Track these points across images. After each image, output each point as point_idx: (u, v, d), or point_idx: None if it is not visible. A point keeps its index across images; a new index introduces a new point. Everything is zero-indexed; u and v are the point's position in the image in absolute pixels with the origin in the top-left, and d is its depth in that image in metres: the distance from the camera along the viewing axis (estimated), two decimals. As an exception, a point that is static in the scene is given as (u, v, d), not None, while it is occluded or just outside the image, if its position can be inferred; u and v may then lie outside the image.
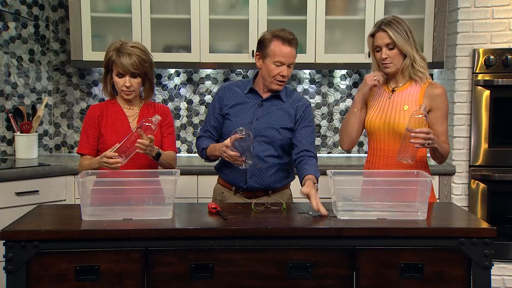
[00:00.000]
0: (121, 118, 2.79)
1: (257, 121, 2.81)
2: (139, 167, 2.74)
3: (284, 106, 2.84)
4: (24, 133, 4.08)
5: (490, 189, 3.87)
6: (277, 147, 2.82)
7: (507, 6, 3.80)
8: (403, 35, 2.69)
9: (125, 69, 2.70)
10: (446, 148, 2.73)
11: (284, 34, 2.75)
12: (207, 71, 4.37)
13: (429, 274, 2.22)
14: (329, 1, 4.04)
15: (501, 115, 3.85)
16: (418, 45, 2.76)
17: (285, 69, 2.74)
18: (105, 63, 2.77)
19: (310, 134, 2.83)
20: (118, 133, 2.75)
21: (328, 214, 2.40)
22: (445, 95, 2.76)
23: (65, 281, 2.17)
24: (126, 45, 2.73)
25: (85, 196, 2.32)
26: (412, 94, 2.73)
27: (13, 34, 4.19)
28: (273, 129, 2.80)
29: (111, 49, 2.74)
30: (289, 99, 2.87)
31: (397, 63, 2.73)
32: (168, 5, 4.09)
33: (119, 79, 2.73)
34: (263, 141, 2.80)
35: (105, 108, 2.81)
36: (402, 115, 2.70)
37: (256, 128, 2.78)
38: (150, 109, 2.86)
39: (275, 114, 2.82)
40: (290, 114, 2.83)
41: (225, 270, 2.22)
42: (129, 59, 2.69)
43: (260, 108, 2.83)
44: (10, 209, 3.44)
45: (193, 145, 4.45)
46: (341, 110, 4.43)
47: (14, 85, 4.21)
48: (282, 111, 2.83)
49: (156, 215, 2.35)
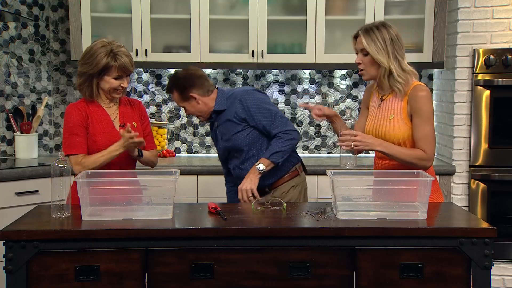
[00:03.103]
0: (105, 118, 2.76)
1: (221, 140, 3.07)
2: (119, 168, 2.73)
3: (227, 113, 3.01)
4: (24, 133, 4.09)
5: (490, 189, 3.87)
6: (246, 151, 3.00)
7: (507, 6, 3.80)
8: (378, 44, 2.56)
9: (127, 71, 2.70)
10: (413, 153, 2.55)
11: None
12: (207, 71, 4.37)
13: (429, 274, 2.22)
14: (329, 1, 4.04)
15: (501, 115, 3.85)
16: (400, 55, 2.60)
17: (186, 112, 3.08)
18: (97, 68, 2.66)
19: (266, 118, 2.96)
20: (105, 132, 2.73)
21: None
22: (428, 98, 2.57)
23: (65, 281, 2.17)
24: (116, 46, 2.69)
25: (85, 196, 2.32)
26: (398, 101, 2.62)
27: (13, 34, 4.19)
28: (229, 141, 3.02)
29: (101, 54, 2.65)
30: (229, 101, 3.02)
31: (370, 71, 2.64)
32: (168, 5, 4.09)
33: (116, 80, 2.70)
34: (233, 154, 3.05)
35: (86, 107, 2.74)
36: (389, 124, 2.62)
37: (223, 147, 3.08)
38: (127, 105, 2.85)
39: (225, 127, 3.03)
40: (235, 115, 2.98)
41: (225, 270, 2.22)
42: (128, 60, 2.69)
43: (218, 129, 3.09)
44: (10, 209, 3.44)
45: (193, 145, 4.46)
46: (341, 110, 4.43)
47: (14, 85, 4.21)
48: (228, 121, 3.01)
49: (156, 215, 2.35)
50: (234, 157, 3.05)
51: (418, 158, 2.55)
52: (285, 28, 4.12)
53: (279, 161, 2.91)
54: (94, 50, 2.67)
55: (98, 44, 2.69)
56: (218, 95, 3.03)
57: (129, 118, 2.81)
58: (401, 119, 2.60)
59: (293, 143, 2.95)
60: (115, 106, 2.81)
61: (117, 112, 2.80)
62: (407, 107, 2.59)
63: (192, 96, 2.97)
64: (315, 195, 3.80)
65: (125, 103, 2.86)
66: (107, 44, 2.68)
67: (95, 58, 2.66)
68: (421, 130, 2.55)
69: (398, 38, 2.61)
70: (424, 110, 2.56)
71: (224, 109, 3.01)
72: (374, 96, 2.77)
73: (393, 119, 2.62)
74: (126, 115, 2.81)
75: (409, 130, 2.59)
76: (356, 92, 4.42)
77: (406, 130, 2.59)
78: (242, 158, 3.01)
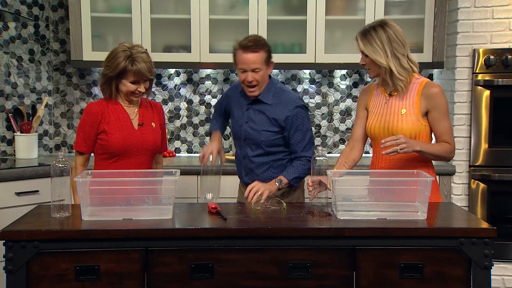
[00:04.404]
0: (123, 116, 2.81)
1: (246, 124, 2.98)
2: (136, 166, 2.79)
3: (269, 109, 2.93)
4: (24, 133, 4.09)
5: (490, 189, 3.87)
6: (264, 147, 2.95)
7: (507, 6, 3.80)
8: (374, 45, 2.62)
9: (144, 77, 2.73)
10: (443, 148, 2.65)
11: (243, 41, 2.89)
12: (207, 71, 4.37)
13: (429, 274, 2.22)
14: (329, 1, 4.04)
15: (501, 115, 3.85)
16: (401, 53, 2.63)
17: (249, 75, 2.85)
18: (115, 71, 2.71)
19: (301, 139, 2.94)
20: (122, 131, 2.77)
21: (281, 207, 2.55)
22: (442, 93, 2.67)
23: (65, 281, 2.17)
24: (136, 51, 2.72)
25: (85, 196, 2.32)
26: (409, 97, 2.68)
27: (13, 34, 4.19)
28: (255, 131, 2.95)
29: (120, 58, 2.70)
30: (277, 99, 2.94)
31: (375, 69, 2.70)
32: (168, 5, 4.09)
33: (133, 85, 2.74)
34: (250, 143, 2.98)
35: (105, 106, 2.81)
36: (400, 119, 2.67)
37: (244, 131, 2.99)
38: (148, 106, 2.91)
39: (256, 118, 2.96)
40: (273, 119, 2.92)
41: (225, 270, 2.22)
42: (145, 67, 2.72)
43: (246, 112, 2.99)
44: (10, 209, 3.44)
45: (193, 145, 4.46)
46: (341, 110, 4.43)
47: (14, 85, 4.21)
48: (263, 114, 2.94)
49: (156, 215, 2.35)
50: (248, 146, 3.00)
51: (448, 152, 2.67)
52: (285, 28, 4.12)
53: (294, 185, 2.95)
54: (115, 53, 2.74)
55: (119, 48, 2.75)
56: (268, 84, 2.97)
57: (148, 118, 2.87)
58: (414, 114, 2.66)
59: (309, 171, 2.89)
60: (135, 106, 2.86)
61: (137, 112, 2.85)
62: (420, 104, 2.65)
63: (272, 63, 2.94)
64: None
65: (146, 104, 2.91)
66: (127, 48, 2.74)
67: (114, 61, 2.72)
68: (442, 124, 2.66)
69: (397, 36, 2.63)
70: (441, 105, 2.66)
71: (269, 103, 2.94)
72: (376, 94, 2.80)
73: (405, 114, 2.67)
74: (145, 116, 2.87)
75: (421, 126, 2.65)
76: (356, 92, 4.42)
77: (418, 125, 2.65)
78: (258, 152, 2.97)
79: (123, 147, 2.76)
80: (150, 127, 2.85)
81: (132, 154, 2.78)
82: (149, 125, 2.85)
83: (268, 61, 2.90)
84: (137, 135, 2.80)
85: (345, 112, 4.44)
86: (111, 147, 2.76)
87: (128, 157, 2.78)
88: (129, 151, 2.77)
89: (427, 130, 2.68)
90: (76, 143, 2.82)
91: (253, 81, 2.87)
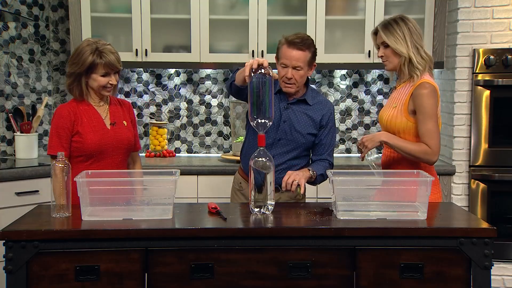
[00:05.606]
0: (95, 116, 2.78)
1: (284, 123, 2.86)
2: (113, 167, 2.77)
3: (310, 110, 2.88)
4: (24, 133, 4.09)
5: (490, 189, 3.87)
6: (300, 151, 2.89)
7: (507, 6, 3.80)
8: (397, 36, 2.72)
9: (113, 68, 2.73)
10: (416, 147, 2.65)
11: (291, 37, 2.81)
12: (207, 71, 4.37)
13: (429, 274, 2.22)
14: (329, 1, 4.04)
15: (501, 115, 3.85)
16: (419, 44, 2.74)
17: (289, 71, 2.78)
18: (84, 67, 2.69)
19: (329, 142, 2.92)
20: (96, 131, 2.75)
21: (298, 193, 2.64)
22: (429, 95, 2.65)
23: (65, 281, 2.17)
24: (102, 44, 2.72)
25: (85, 196, 2.32)
26: (404, 93, 2.74)
27: (13, 34, 4.19)
28: (298, 133, 2.87)
29: (87, 52, 2.69)
30: (314, 100, 2.91)
31: (393, 61, 2.77)
32: (168, 5, 4.09)
33: (104, 78, 2.72)
34: (287, 144, 2.87)
35: (76, 107, 2.77)
36: (391, 112, 2.76)
37: (282, 131, 2.86)
38: (117, 104, 2.89)
39: (300, 119, 2.88)
40: (315, 120, 2.88)
41: (225, 270, 2.22)
42: (114, 58, 2.72)
43: (286, 111, 2.88)
44: (10, 209, 3.44)
45: (193, 145, 4.46)
46: (341, 110, 4.43)
47: (14, 85, 4.21)
48: (307, 116, 2.88)
49: (156, 215, 2.35)
50: (280, 148, 2.87)
51: (422, 152, 2.65)
52: (285, 28, 4.09)
53: (317, 182, 2.87)
54: (80, 49, 2.72)
55: (83, 43, 2.74)
56: (310, 87, 2.94)
57: (119, 117, 2.85)
58: (401, 111, 2.72)
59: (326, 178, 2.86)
60: (105, 105, 2.84)
61: (107, 111, 2.83)
62: (409, 103, 2.70)
63: (314, 65, 2.90)
64: (315, 195, 3.80)
65: (115, 102, 2.89)
66: (92, 42, 2.73)
67: (81, 57, 2.70)
68: (424, 125, 2.66)
69: (416, 29, 2.77)
70: (425, 107, 2.66)
71: (311, 104, 2.89)
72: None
73: (395, 109, 2.75)
74: (116, 114, 2.85)
75: (408, 123, 2.70)
76: (356, 92, 4.42)
77: (403, 122, 2.71)
78: (293, 155, 2.88)
79: (99, 147, 2.73)
80: (123, 125, 2.84)
81: (107, 155, 2.76)
82: (121, 124, 2.84)
83: (311, 63, 2.84)
84: (111, 134, 2.78)
85: (345, 112, 4.44)
86: (87, 148, 2.72)
87: (104, 158, 2.76)
88: (105, 152, 2.75)
89: (415, 128, 2.70)
90: (51, 148, 2.72)
91: (292, 79, 2.80)
